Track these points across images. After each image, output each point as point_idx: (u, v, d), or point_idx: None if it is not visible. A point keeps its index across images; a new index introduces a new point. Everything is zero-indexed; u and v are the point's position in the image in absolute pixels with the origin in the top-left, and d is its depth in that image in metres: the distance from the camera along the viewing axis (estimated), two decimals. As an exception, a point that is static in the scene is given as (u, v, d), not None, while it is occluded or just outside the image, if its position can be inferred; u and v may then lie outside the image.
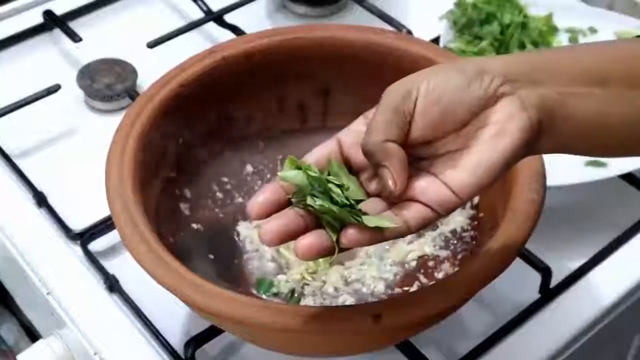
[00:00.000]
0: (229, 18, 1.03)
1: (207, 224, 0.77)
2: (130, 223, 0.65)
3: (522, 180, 0.66)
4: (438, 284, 0.67)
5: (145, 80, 0.96)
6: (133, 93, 0.95)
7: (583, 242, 0.82)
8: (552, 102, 0.53)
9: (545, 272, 0.76)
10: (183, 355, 0.72)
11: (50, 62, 1.02)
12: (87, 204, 0.82)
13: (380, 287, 0.73)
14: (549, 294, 0.77)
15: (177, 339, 0.74)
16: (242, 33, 0.98)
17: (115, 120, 0.73)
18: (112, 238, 0.81)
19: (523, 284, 0.76)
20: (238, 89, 0.79)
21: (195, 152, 0.78)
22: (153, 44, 0.97)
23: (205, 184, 0.79)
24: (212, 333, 0.72)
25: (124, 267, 0.79)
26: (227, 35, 0.99)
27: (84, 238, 0.81)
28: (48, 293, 0.79)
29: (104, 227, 0.82)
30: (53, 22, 1.04)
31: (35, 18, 1.05)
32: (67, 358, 0.79)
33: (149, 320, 0.75)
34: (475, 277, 0.62)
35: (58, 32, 1.03)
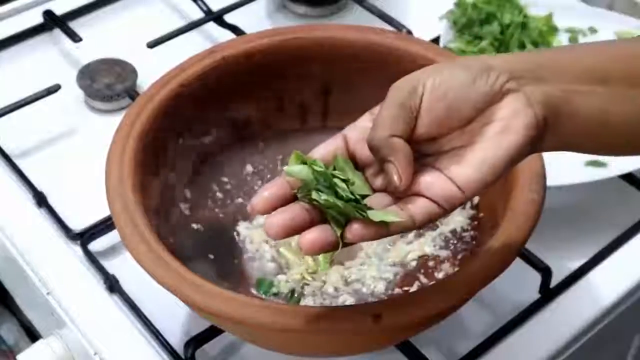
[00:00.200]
0: (229, 18, 1.03)
1: (207, 224, 0.77)
2: (130, 223, 0.65)
3: (522, 181, 0.66)
4: (438, 284, 0.67)
5: (145, 80, 0.96)
6: (133, 93, 0.95)
7: (583, 242, 0.82)
8: (556, 99, 0.53)
9: (545, 272, 0.76)
10: (183, 355, 0.72)
11: (50, 62, 1.02)
12: (87, 204, 0.82)
13: (380, 287, 0.73)
14: (549, 294, 0.77)
15: (177, 339, 0.74)
16: (242, 33, 0.98)
17: (115, 120, 0.73)
18: (112, 238, 0.81)
19: (523, 284, 0.76)
20: (238, 89, 0.79)
21: (195, 152, 0.78)
22: (153, 44, 0.97)
23: (205, 184, 0.79)
24: (212, 333, 0.72)
25: (124, 267, 0.79)
26: (227, 35, 0.99)
27: (84, 238, 0.81)
28: (48, 293, 0.79)
29: (104, 227, 0.82)
30: (53, 22, 1.04)
31: (35, 18, 1.05)
32: (67, 358, 0.79)
33: (149, 320, 0.75)
34: (475, 277, 0.62)
35: (58, 32, 1.03)
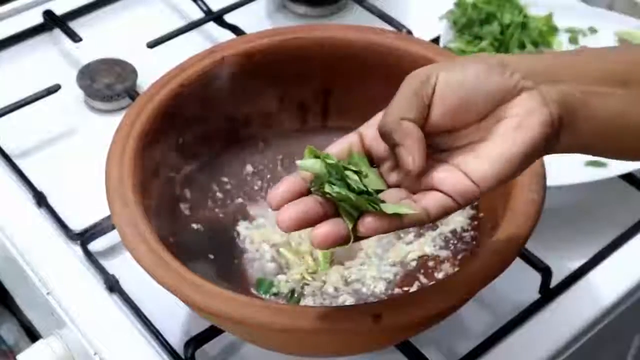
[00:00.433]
0: (229, 18, 1.03)
1: (207, 224, 0.77)
2: (130, 223, 0.65)
3: (522, 181, 0.66)
4: (438, 284, 0.67)
5: (145, 80, 0.96)
6: (133, 93, 0.95)
7: (583, 242, 0.82)
8: (573, 99, 0.53)
9: (545, 272, 0.76)
10: (183, 355, 0.72)
11: (50, 62, 1.02)
12: (87, 204, 0.82)
13: (380, 287, 0.73)
14: (549, 294, 0.77)
15: (177, 339, 0.74)
16: (242, 33, 0.98)
17: (115, 120, 0.73)
18: (112, 238, 0.81)
19: (523, 284, 0.76)
20: (238, 89, 0.79)
21: (195, 152, 0.78)
22: (153, 44, 0.97)
23: (205, 184, 0.79)
24: (212, 333, 0.72)
25: (124, 267, 0.78)
26: (227, 35, 0.99)
27: (84, 238, 0.81)
28: (48, 293, 0.79)
29: (104, 227, 0.82)
30: (53, 22, 1.04)
31: (35, 18, 1.05)
32: (67, 358, 0.79)
33: (149, 320, 0.75)
34: (475, 277, 0.62)
35: (58, 32, 1.03)
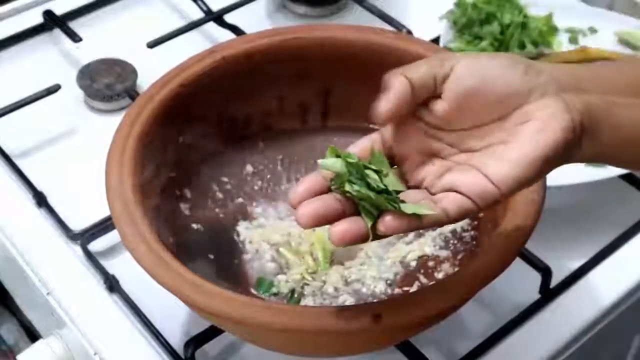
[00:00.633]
0: (229, 18, 1.03)
1: (207, 224, 0.77)
2: (130, 223, 0.65)
3: (522, 180, 0.66)
4: (438, 284, 0.67)
5: (145, 80, 0.96)
6: (133, 93, 0.95)
7: (583, 242, 0.82)
8: (597, 108, 0.53)
9: (545, 272, 0.76)
10: (183, 355, 0.72)
11: (50, 62, 1.02)
12: (87, 204, 0.82)
13: (380, 287, 0.73)
14: (549, 294, 0.77)
15: (177, 339, 0.74)
16: (242, 33, 0.98)
17: (115, 120, 0.73)
18: (112, 238, 0.81)
19: (523, 284, 0.76)
20: (238, 89, 0.79)
21: (195, 152, 0.78)
22: (153, 44, 0.97)
23: (205, 184, 0.79)
24: (212, 333, 0.72)
25: (124, 267, 0.79)
26: (227, 35, 0.99)
27: (84, 238, 0.81)
28: (48, 293, 0.79)
29: (104, 227, 0.82)
30: (53, 22, 1.04)
31: (35, 18, 1.05)
32: (67, 358, 0.79)
33: (149, 320, 0.75)
34: (475, 277, 0.62)
35: (58, 32, 1.03)
